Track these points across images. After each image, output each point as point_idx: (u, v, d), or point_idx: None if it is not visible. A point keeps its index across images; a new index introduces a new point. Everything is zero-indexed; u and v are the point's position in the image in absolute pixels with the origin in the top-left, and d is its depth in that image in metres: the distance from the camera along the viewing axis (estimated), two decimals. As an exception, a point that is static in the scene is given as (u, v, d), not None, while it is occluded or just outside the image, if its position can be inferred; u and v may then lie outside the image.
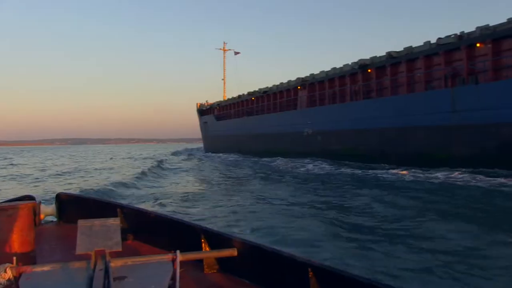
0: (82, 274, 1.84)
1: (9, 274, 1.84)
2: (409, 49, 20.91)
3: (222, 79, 57.99)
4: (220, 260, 2.58)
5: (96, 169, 27.95)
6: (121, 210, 3.43)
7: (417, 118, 19.24)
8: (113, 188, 14.75)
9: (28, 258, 2.48)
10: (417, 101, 19.63)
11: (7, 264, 1.87)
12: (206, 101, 55.18)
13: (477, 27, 17.61)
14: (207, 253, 2.62)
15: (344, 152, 24.29)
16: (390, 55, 21.75)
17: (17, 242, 2.56)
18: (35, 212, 3.37)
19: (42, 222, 3.90)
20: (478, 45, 17.52)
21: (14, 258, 1.93)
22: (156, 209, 9.76)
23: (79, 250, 1.96)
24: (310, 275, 2.07)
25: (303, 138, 28.49)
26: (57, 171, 25.97)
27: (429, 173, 16.43)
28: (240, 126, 40.28)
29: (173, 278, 1.83)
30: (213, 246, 2.67)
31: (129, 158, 47.38)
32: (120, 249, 1.98)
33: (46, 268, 1.88)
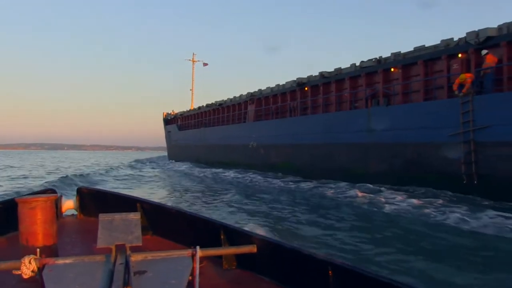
0: (102, 267, 1.87)
1: (33, 265, 1.88)
2: (338, 70, 22.23)
3: (191, 90, 58.94)
4: (239, 257, 2.58)
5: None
6: (141, 205, 3.44)
7: (342, 135, 20.45)
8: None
9: (51, 251, 2.51)
10: (342, 119, 20.89)
11: (31, 256, 1.91)
12: (172, 110, 55.95)
13: (392, 53, 18.99)
14: (226, 249, 2.58)
15: (283, 166, 25.38)
16: (322, 75, 23.03)
17: (40, 234, 2.57)
18: (57, 205, 3.46)
19: (64, 215, 3.96)
20: (392, 69, 18.89)
21: (38, 250, 1.98)
22: None
23: (100, 244, 1.98)
24: (330, 274, 2.04)
25: (249, 150, 29.54)
26: None
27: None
28: (198, 136, 41.19)
29: (193, 273, 1.85)
30: (232, 243, 2.64)
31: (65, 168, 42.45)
32: (140, 243, 2.01)
33: (68, 260, 1.91)
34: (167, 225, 3.28)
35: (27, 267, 1.88)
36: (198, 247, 1.94)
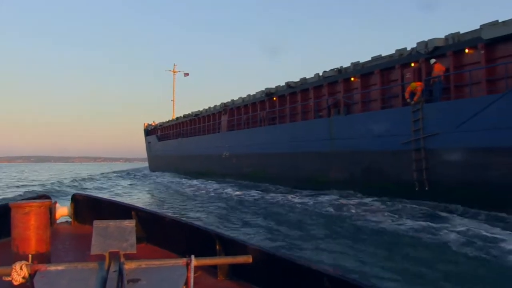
0: (95, 274, 1.84)
1: (24, 271, 1.82)
2: (303, 80, 22.58)
3: (172, 100, 59.04)
4: (234, 267, 2.55)
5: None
6: (136, 212, 3.40)
7: (306, 144, 20.73)
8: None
9: (43, 257, 2.47)
10: (306, 128, 21.18)
11: (22, 262, 1.85)
12: (153, 121, 55.96)
13: (351, 63, 19.38)
14: (221, 258, 2.57)
15: (253, 175, 25.59)
16: (288, 85, 23.37)
17: (33, 240, 2.53)
18: (51, 211, 3.35)
19: (57, 221, 3.86)
20: (352, 79, 19.27)
21: (30, 256, 1.94)
22: None
23: (93, 251, 1.96)
24: (325, 285, 2.03)
25: (223, 160, 29.74)
26: None
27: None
28: (176, 147, 41.30)
29: (187, 283, 1.82)
30: (227, 252, 2.62)
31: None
32: (134, 251, 1.99)
33: (60, 267, 1.87)
34: (162, 233, 3.25)
35: (18, 273, 1.82)
36: (193, 256, 1.91)
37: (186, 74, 59.78)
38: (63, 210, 3.90)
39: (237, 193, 20.80)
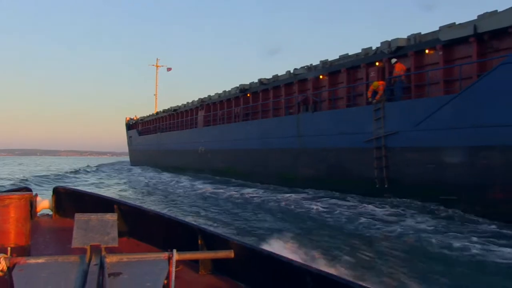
0: (76, 268, 1.81)
1: (2, 264, 1.79)
2: (275, 77, 22.72)
3: (154, 95, 58.81)
4: (216, 262, 2.55)
5: None
6: (118, 206, 3.36)
7: (275, 141, 20.90)
8: None
9: (23, 250, 2.44)
10: (276, 125, 21.35)
11: (1, 255, 1.81)
12: (135, 115, 55.75)
13: (320, 61, 19.56)
14: (203, 253, 2.56)
15: (227, 170, 25.71)
16: (261, 82, 23.50)
17: (12, 233, 2.48)
18: (32, 204, 3.28)
19: (38, 214, 3.80)
20: (321, 76, 19.45)
21: (8, 248, 1.89)
22: None
23: (74, 244, 1.94)
24: (307, 281, 2.03)
25: (199, 155, 29.82)
26: None
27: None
28: (155, 141, 41.25)
29: (168, 277, 1.80)
30: (209, 247, 2.63)
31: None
32: (116, 244, 1.96)
33: (40, 260, 1.83)
34: (144, 227, 3.23)
35: None
36: (175, 250, 1.88)
37: (169, 69, 59.54)
38: (44, 203, 3.83)
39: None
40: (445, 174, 12.95)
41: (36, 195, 3.59)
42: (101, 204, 3.51)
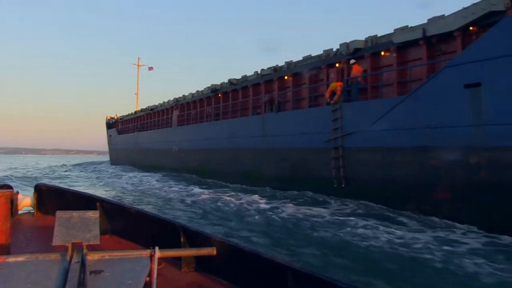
0: (57, 266, 1.78)
1: None
2: (244, 78, 22.91)
3: (136, 94, 58.59)
4: (198, 259, 2.57)
5: None
6: (101, 204, 3.34)
7: (243, 140, 21.09)
8: None
9: (3, 249, 2.39)
10: (243, 125, 21.54)
11: None
12: (116, 114, 55.48)
13: (285, 62, 19.78)
14: (185, 250, 2.55)
15: (199, 169, 25.83)
16: (231, 82, 23.67)
17: None
18: (13, 201, 3.23)
19: (19, 212, 3.73)
20: (286, 77, 19.68)
21: None
22: None
23: (55, 241, 1.90)
24: (288, 278, 2.04)
25: (173, 154, 29.91)
26: None
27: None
28: (133, 140, 41.18)
29: (150, 274, 1.80)
30: (192, 245, 2.62)
31: None
32: (98, 242, 1.94)
33: (20, 258, 1.80)
34: (126, 225, 3.22)
35: None
36: (157, 248, 1.87)
37: (151, 68, 59.26)
38: (25, 201, 3.74)
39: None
40: (394, 174, 13.25)
41: (18, 192, 3.54)
42: (83, 201, 3.49)
